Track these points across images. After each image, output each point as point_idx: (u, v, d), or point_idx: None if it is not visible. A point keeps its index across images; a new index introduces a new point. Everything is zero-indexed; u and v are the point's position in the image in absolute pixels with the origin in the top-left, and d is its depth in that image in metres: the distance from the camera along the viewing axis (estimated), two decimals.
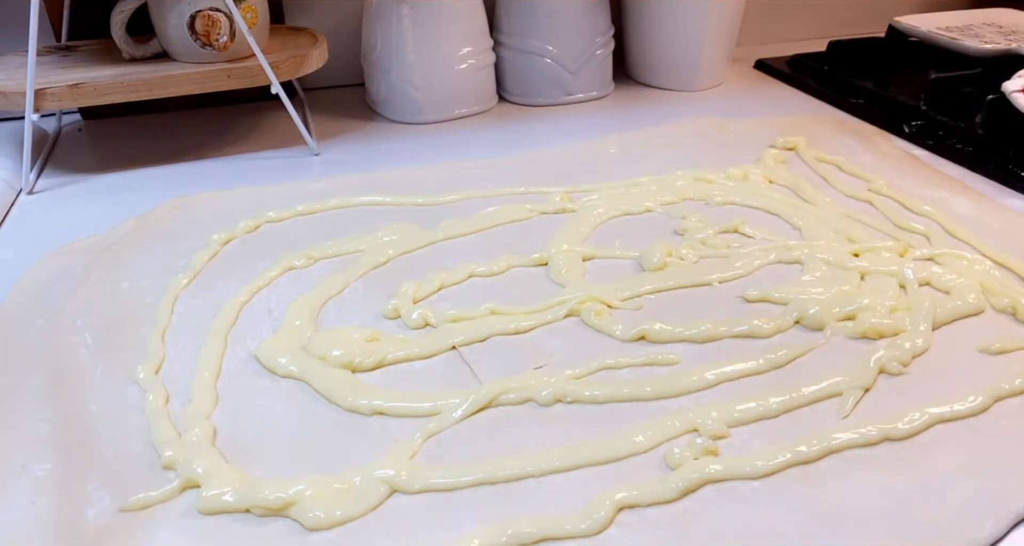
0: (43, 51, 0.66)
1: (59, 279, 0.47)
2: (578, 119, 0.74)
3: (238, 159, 0.66)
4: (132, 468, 0.34)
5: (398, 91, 0.72)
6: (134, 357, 0.41)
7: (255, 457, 0.35)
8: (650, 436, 0.35)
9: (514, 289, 0.47)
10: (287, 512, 0.32)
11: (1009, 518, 0.31)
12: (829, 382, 0.38)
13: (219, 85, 0.61)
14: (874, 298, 0.44)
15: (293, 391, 0.39)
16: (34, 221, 0.56)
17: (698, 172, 0.60)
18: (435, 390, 0.39)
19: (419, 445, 0.35)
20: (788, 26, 0.97)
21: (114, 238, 0.52)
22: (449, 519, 0.32)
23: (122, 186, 0.61)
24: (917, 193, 0.57)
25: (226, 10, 0.60)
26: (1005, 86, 0.62)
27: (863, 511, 0.32)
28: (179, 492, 0.33)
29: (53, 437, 0.35)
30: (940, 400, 0.37)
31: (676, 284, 0.47)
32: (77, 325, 0.43)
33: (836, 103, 0.77)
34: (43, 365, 0.40)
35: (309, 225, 0.54)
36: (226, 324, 0.43)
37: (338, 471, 0.34)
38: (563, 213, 0.55)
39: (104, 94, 0.58)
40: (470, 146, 0.68)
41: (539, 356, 0.41)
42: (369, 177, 0.60)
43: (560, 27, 0.73)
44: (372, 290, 0.47)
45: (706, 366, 0.40)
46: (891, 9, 0.97)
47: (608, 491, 0.32)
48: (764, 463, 0.34)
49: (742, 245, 0.51)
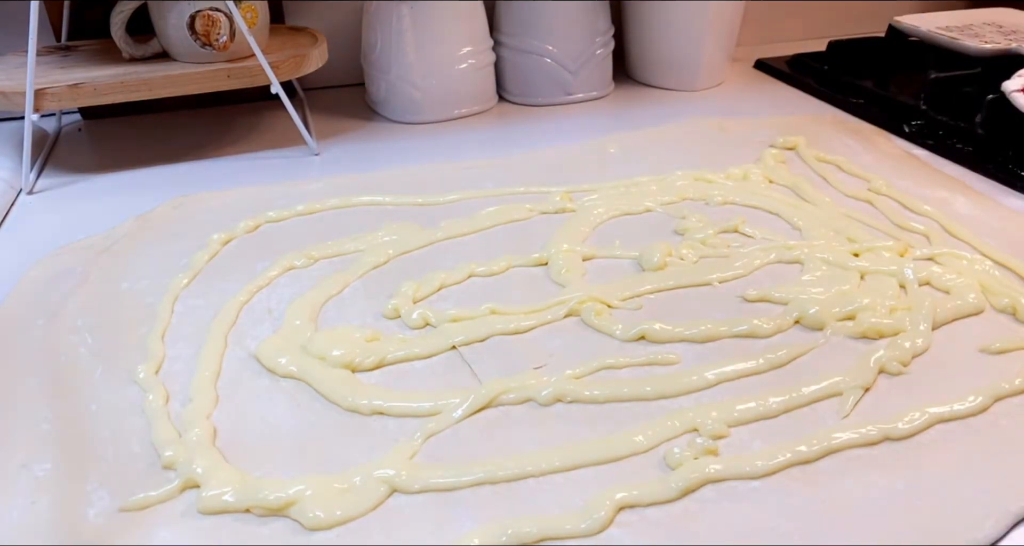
0: (43, 51, 0.66)
1: (59, 279, 0.47)
2: (578, 119, 0.74)
3: (238, 159, 0.66)
4: (132, 468, 0.34)
5: (398, 91, 0.72)
6: (134, 357, 0.41)
7: (255, 457, 0.35)
8: (650, 436, 0.35)
9: (514, 289, 0.47)
10: (287, 512, 0.32)
11: (1009, 518, 0.31)
12: (829, 382, 0.38)
13: (219, 85, 0.61)
14: (874, 298, 0.44)
15: (293, 391, 0.39)
16: (34, 221, 0.56)
17: (698, 172, 0.60)
18: (435, 390, 0.39)
19: (419, 445, 0.35)
20: (788, 26, 0.97)
21: (114, 238, 0.52)
22: (449, 519, 0.32)
23: (122, 186, 0.61)
24: (917, 193, 0.57)
25: (226, 10, 0.60)
26: (1005, 86, 0.62)
27: (863, 511, 0.32)
28: (179, 492, 0.33)
29: (53, 437, 0.35)
30: (940, 400, 0.37)
31: (676, 284, 0.47)
32: (77, 325, 0.43)
33: (836, 103, 0.77)
34: (43, 365, 0.40)
35: (309, 225, 0.54)
36: (226, 324, 0.43)
37: (338, 471, 0.34)
38: (563, 213, 0.55)
39: (104, 94, 0.58)
40: (470, 146, 0.68)
41: (539, 356, 0.41)
42: (369, 177, 0.60)
43: (560, 27, 0.73)
44: (372, 290, 0.47)
45: (706, 366, 0.40)
46: (891, 9, 0.97)
47: (608, 491, 0.32)
48: (764, 463, 0.34)
49: (742, 245, 0.51)
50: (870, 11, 0.98)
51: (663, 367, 0.40)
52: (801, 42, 0.95)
